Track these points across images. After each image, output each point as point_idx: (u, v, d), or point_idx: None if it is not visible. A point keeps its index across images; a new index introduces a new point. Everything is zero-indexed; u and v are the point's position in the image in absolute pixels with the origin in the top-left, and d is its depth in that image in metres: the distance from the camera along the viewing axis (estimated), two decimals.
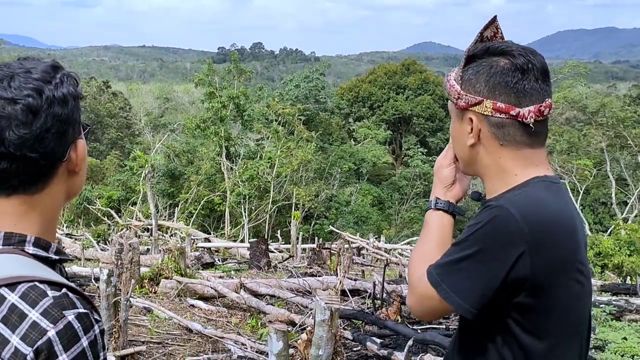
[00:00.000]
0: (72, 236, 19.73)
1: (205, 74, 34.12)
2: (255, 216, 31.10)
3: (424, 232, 1.78)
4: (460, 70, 1.67)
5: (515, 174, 1.64)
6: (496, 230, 1.51)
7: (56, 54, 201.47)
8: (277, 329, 3.43)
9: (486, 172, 1.70)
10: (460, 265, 1.55)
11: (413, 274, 1.69)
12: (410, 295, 1.70)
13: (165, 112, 56.26)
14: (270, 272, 11.58)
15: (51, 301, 1.15)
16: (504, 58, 1.61)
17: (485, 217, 1.54)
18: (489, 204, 1.59)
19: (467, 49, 1.66)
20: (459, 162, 1.80)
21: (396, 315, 7.31)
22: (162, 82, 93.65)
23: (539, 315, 1.55)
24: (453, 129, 1.75)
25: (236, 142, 33.94)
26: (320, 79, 45.97)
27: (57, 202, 1.31)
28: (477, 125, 1.64)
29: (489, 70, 1.61)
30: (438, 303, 1.58)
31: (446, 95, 1.73)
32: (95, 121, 47.45)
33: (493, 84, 1.60)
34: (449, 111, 1.78)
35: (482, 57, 1.64)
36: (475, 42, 1.67)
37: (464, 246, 1.56)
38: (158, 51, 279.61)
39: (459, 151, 1.76)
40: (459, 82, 1.66)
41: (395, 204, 40.30)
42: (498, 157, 1.65)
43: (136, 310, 7.68)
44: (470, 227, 1.57)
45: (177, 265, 9.58)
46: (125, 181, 33.47)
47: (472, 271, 1.53)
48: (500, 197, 1.63)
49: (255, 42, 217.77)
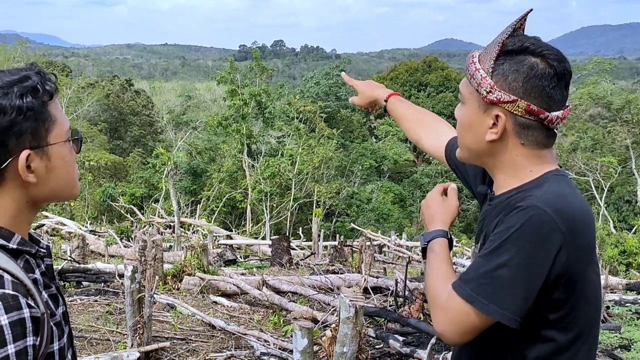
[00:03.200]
0: (96, 233, 19.93)
1: (227, 71, 34.29)
2: (276, 213, 31.20)
3: (434, 259, 1.73)
4: (492, 61, 1.60)
5: (530, 170, 1.64)
6: (534, 231, 1.48)
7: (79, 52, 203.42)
8: (302, 325, 3.43)
9: (499, 166, 1.67)
10: (496, 273, 1.50)
11: (438, 296, 1.63)
12: (441, 319, 1.60)
13: (188, 110, 56.57)
14: (292, 270, 11.60)
15: None
16: (542, 61, 1.58)
17: (518, 220, 1.50)
18: (519, 206, 1.53)
19: (502, 41, 1.59)
20: (464, 150, 1.74)
21: (419, 313, 7.28)
22: (184, 80, 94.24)
23: (569, 308, 1.56)
24: (467, 116, 1.67)
25: (258, 139, 34.07)
26: (340, 75, 45.90)
27: (19, 203, 1.37)
28: (504, 123, 1.60)
29: (529, 71, 1.57)
30: (475, 318, 1.53)
31: (468, 80, 1.65)
32: (119, 119, 47.87)
33: (531, 86, 1.57)
34: (460, 94, 1.71)
35: (519, 53, 1.59)
36: (509, 35, 1.61)
37: (497, 254, 1.51)
38: (180, 49, 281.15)
39: (469, 140, 1.69)
40: (490, 74, 1.59)
41: (416, 201, 40.15)
42: (515, 155, 1.64)
43: (160, 307, 7.73)
44: (501, 233, 1.52)
45: (199, 262, 9.63)
46: (147, 178, 33.76)
47: (511, 278, 1.49)
48: (518, 193, 1.61)
49: (276, 40, 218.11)
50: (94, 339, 6.34)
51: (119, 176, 37.62)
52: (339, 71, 46.16)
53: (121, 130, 47.97)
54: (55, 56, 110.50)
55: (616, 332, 7.65)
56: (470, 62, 1.64)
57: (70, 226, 21.05)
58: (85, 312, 7.45)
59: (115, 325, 6.90)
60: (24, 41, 50.95)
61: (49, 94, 1.37)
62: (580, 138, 36.31)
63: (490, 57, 1.60)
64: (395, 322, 7.03)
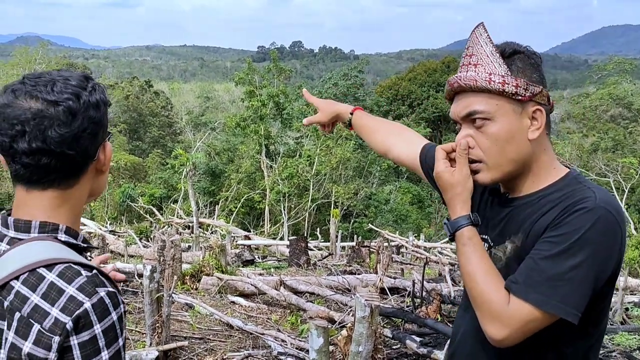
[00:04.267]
0: (116, 233, 20.09)
1: (245, 72, 34.40)
2: (294, 214, 31.24)
3: (474, 252, 1.65)
4: (503, 66, 1.61)
5: (554, 168, 1.69)
6: (604, 233, 1.51)
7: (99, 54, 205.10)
8: (318, 325, 3.45)
9: (536, 167, 1.68)
10: (569, 275, 1.50)
11: (491, 303, 1.57)
12: (501, 327, 1.55)
13: (206, 111, 56.87)
14: (309, 270, 11.62)
15: (85, 279, 1.30)
16: (531, 55, 1.68)
17: (587, 222, 1.51)
18: (581, 208, 1.53)
19: (495, 49, 1.65)
20: (507, 165, 1.66)
21: (436, 314, 7.27)
22: (202, 81, 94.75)
23: (605, 302, 1.62)
24: (505, 127, 1.63)
25: (276, 140, 34.15)
26: (358, 76, 45.91)
27: (84, 197, 1.47)
28: (543, 114, 1.64)
29: (536, 61, 1.66)
30: (543, 321, 1.53)
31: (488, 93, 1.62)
32: (138, 120, 48.22)
33: (542, 75, 1.66)
34: (479, 114, 1.65)
35: (514, 54, 1.66)
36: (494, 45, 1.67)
37: (567, 256, 1.50)
38: (199, 50, 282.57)
39: (513, 151, 1.64)
40: (509, 75, 1.61)
41: (435, 202, 40.00)
42: (543, 149, 1.67)
43: (178, 306, 7.79)
44: (566, 235, 1.52)
45: (217, 262, 9.68)
46: (167, 179, 33.96)
47: (583, 279, 1.50)
48: (554, 192, 1.64)
49: (294, 41, 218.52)
50: None
51: (138, 177, 37.89)
52: (357, 72, 46.12)
53: (140, 131, 48.32)
54: (76, 58, 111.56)
55: (635, 334, 7.58)
56: (484, 77, 1.62)
57: (90, 226, 21.24)
58: None
59: (134, 325, 6.97)
60: (45, 43, 51.46)
61: None
62: (601, 139, 35.98)
63: (496, 63, 1.63)
64: (412, 322, 7.02)
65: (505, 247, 1.70)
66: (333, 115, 2.39)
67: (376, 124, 2.31)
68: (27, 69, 42.17)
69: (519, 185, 1.72)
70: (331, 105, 2.41)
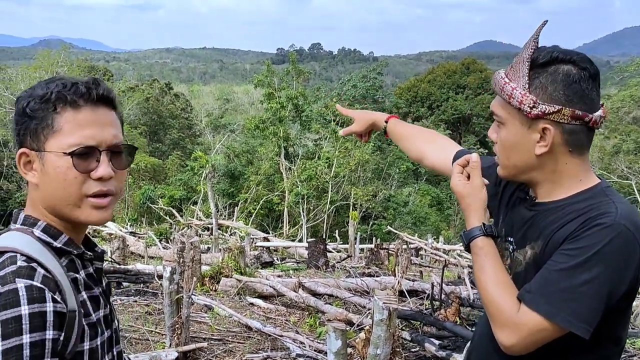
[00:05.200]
0: (136, 234, 20.26)
1: (264, 75, 34.50)
2: (313, 216, 31.26)
3: (485, 261, 1.69)
4: (526, 77, 1.62)
5: (580, 179, 1.67)
6: (620, 249, 1.51)
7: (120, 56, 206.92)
8: (336, 327, 3.46)
9: (548, 177, 1.69)
10: (581, 290, 1.51)
11: (502, 310, 1.61)
12: (509, 334, 1.59)
13: (226, 113, 57.10)
14: (328, 272, 11.63)
15: (13, 269, 1.29)
16: (574, 66, 1.61)
17: (604, 237, 1.51)
18: (600, 223, 1.53)
19: (529, 56, 1.62)
20: (509, 169, 1.73)
21: (455, 317, 7.24)
22: (222, 83, 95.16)
23: (623, 318, 1.62)
24: (511, 136, 1.68)
25: (295, 142, 34.20)
26: (377, 78, 45.83)
27: (38, 202, 1.46)
28: (552, 135, 1.62)
29: (567, 78, 1.60)
30: (552, 333, 1.55)
31: (503, 99, 1.66)
32: (158, 122, 48.54)
33: (572, 92, 1.60)
34: (496, 116, 1.71)
35: (550, 64, 1.62)
36: (534, 49, 1.64)
37: (582, 270, 1.51)
38: (218, 53, 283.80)
39: (516, 159, 1.69)
40: (527, 90, 1.61)
41: (454, 204, 39.80)
42: (564, 163, 1.66)
43: (197, 308, 7.84)
44: (584, 249, 1.53)
45: (236, 263, 9.73)
46: (186, 181, 34.12)
47: (595, 294, 1.51)
48: (576, 203, 1.63)
49: (313, 43, 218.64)
50: (133, 339, 6.46)
51: (158, 178, 38.12)
52: (376, 74, 46.07)
53: (160, 133, 48.61)
54: (97, 60, 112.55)
55: None
56: (503, 83, 1.66)
57: (110, 228, 21.44)
58: (125, 312, 7.60)
59: (154, 326, 7.02)
60: (67, 46, 51.93)
61: (64, 103, 1.40)
62: (623, 141, 35.62)
63: (522, 73, 1.63)
64: (431, 325, 7.00)
65: (526, 251, 1.72)
66: (369, 124, 2.46)
67: (411, 132, 2.36)
68: (50, 71, 42.62)
69: (539, 191, 1.73)
70: (366, 115, 2.48)
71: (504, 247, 1.82)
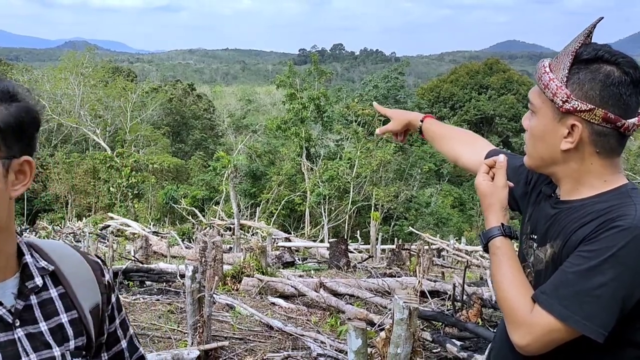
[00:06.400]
0: (159, 234, 20.46)
1: (286, 75, 34.65)
2: (334, 216, 31.29)
3: (502, 261, 1.70)
4: (566, 70, 1.60)
5: (604, 180, 1.64)
6: (638, 252, 1.49)
7: (144, 57, 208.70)
8: (356, 326, 3.47)
9: (571, 174, 1.67)
10: (596, 293, 1.50)
11: (516, 310, 1.62)
12: (523, 334, 1.59)
13: (248, 114, 57.31)
14: (349, 272, 11.64)
15: None
16: (617, 69, 1.58)
17: (620, 240, 1.49)
18: (617, 225, 1.52)
19: (575, 50, 1.60)
20: (535, 159, 1.73)
21: (477, 318, 7.20)
22: (244, 84, 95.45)
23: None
24: (540, 126, 1.67)
25: (316, 142, 34.28)
26: (399, 78, 45.73)
27: None
28: (580, 132, 1.60)
29: (606, 79, 1.58)
30: (566, 335, 1.54)
31: (539, 88, 1.65)
32: (181, 123, 48.91)
33: (608, 94, 1.58)
34: (530, 104, 1.71)
35: (593, 62, 1.60)
36: (582, 43, 1.61)
37: (596, 272, 1.50)
38: (241, 54, 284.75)
39: (542, 150, 1.69)
40: (565, 83, 1.59)
41: (477, 205, 39.56)
42: (590, 163, 1.64)
43: (219, 307, 7.88)
44: (599, 251, 1.51)
45: (258, 263, 9.77)
46: (208, 181, 34.35)
47: (610, 297, 1.50)
48: (598, 203, 1.61)
49: (335, 44, 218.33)
50: (155, 337, 6.52)
51: (180, 179, 38.42)
52: (397, 74, 45.97)
53: (183, 134, 48.97)
54: (121, 62, 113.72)
55: None
56: (542, 71, 1.64)
57: (134, 227, 21.67)
58: (147, 311, 7.67)
59: (176, 324, 7.08)
60: (92, 48, 52.58)
61: None
62: None
63: (563, 66, 1.61)
64: (452, 326, 6.97)
65: (546, 250, 1.71)
66: (404, 123, 2.44)
67: (447, 132, 2.36)
68: (74, 73, 43.16)
69: (565, 188, 1.71)
70: (402, 115, 2.48)
71: (529, 245, 1.80)
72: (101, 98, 42.56)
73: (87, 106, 41.49)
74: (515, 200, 1.94)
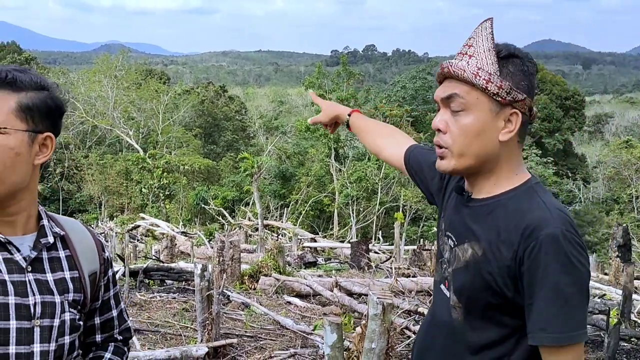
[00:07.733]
0: (187, 234, 20.73)
1: (315, 77, 34.79)
2: (362, 217, 31.31)
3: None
4: (496, 65, 1.63)
5: (516, 174, 1.70)
6: (575, 252, 1.54)
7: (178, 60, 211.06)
8: (332, 321, 3.55)
9: (498, 169, 1.69)
10: (570, 306, 1.53)
11: None
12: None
13: (279, 115, 57.58)
14: (369, 273, 11.69)
15: None
16: (527, 62, 1.69)
17: (558, 254, 1.52)
18: (546, 239, 1.54)
19: (493, 46, 1.66)
20: (468, 158, 1.68)
21: None
22: (277, 85, 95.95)
23: None
24: (477, 122, 1.64)
25: (345, 143, 34.33)
26: (427, 78, 45.48)
27: None
28: (520, 119, 1.66)
29: (529, 70, 1.69)
30: (579, 352, 1.56)
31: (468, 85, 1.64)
32: (212, 124, 49.34)
33: (530, 84, 1.68)
34: (456, 103, 1.67)
35: (510, 57, 1.67)
36: (494, 42, 1.68)
37: (558, 291, 1.52)
38: (273, 55, 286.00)
39: (478, 146, 1.66)
40: (498, 76, 1.63)
41: None
42: (514, 154, 1.70)
43: (235, 305, 8.01)
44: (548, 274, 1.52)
45: (275, 262, 9.89)
46: (238, 182, 34.62)
47: (581, 300, 1.55)
48: (508, 200, 1.65)
49: (367, 45, 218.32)
50: (168, 334, 6.67)
51: (212, 180, 38.76)
52: (425, 74, 45.72)
53: (215, 135, 49.36)
54: (155, 64, 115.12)
55: None
56: (476, 69, 1.64)
57: (163, 227, 22.00)
58: (163, 309, 7.83)
59: (190, 322, 7.22)
60: (125, 51, 53.45)
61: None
62: None
63: (490, 62, 1.65)
64: None
65: (466, 249, 1.70)
66: (333, 116, 2.52)
67: (370, 126, 2.41)
68: (108, 75, 43.90)
69: (480, 185, 1.73)
70: (332, 107, 2.55)
71: (444, 242, 1.81)
72: (134, 100, 43.18)
73: (120, 108, 42.13)
74: (432, 195, 1.99)
